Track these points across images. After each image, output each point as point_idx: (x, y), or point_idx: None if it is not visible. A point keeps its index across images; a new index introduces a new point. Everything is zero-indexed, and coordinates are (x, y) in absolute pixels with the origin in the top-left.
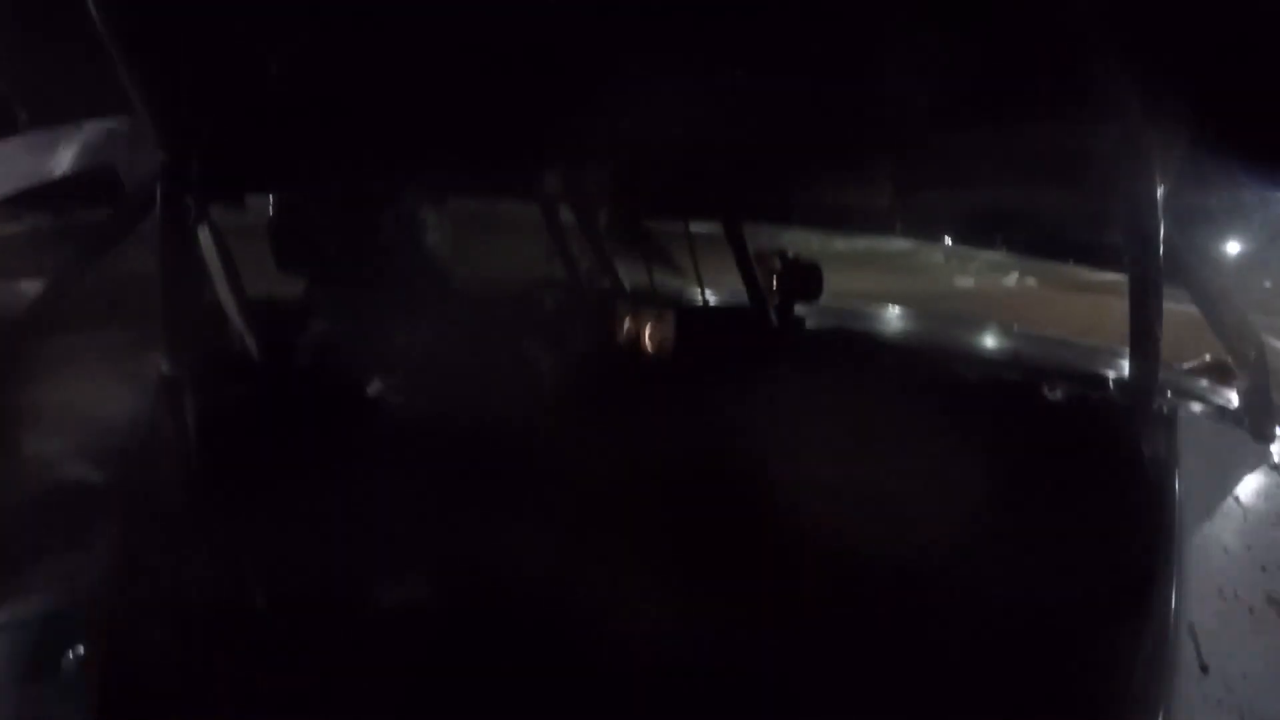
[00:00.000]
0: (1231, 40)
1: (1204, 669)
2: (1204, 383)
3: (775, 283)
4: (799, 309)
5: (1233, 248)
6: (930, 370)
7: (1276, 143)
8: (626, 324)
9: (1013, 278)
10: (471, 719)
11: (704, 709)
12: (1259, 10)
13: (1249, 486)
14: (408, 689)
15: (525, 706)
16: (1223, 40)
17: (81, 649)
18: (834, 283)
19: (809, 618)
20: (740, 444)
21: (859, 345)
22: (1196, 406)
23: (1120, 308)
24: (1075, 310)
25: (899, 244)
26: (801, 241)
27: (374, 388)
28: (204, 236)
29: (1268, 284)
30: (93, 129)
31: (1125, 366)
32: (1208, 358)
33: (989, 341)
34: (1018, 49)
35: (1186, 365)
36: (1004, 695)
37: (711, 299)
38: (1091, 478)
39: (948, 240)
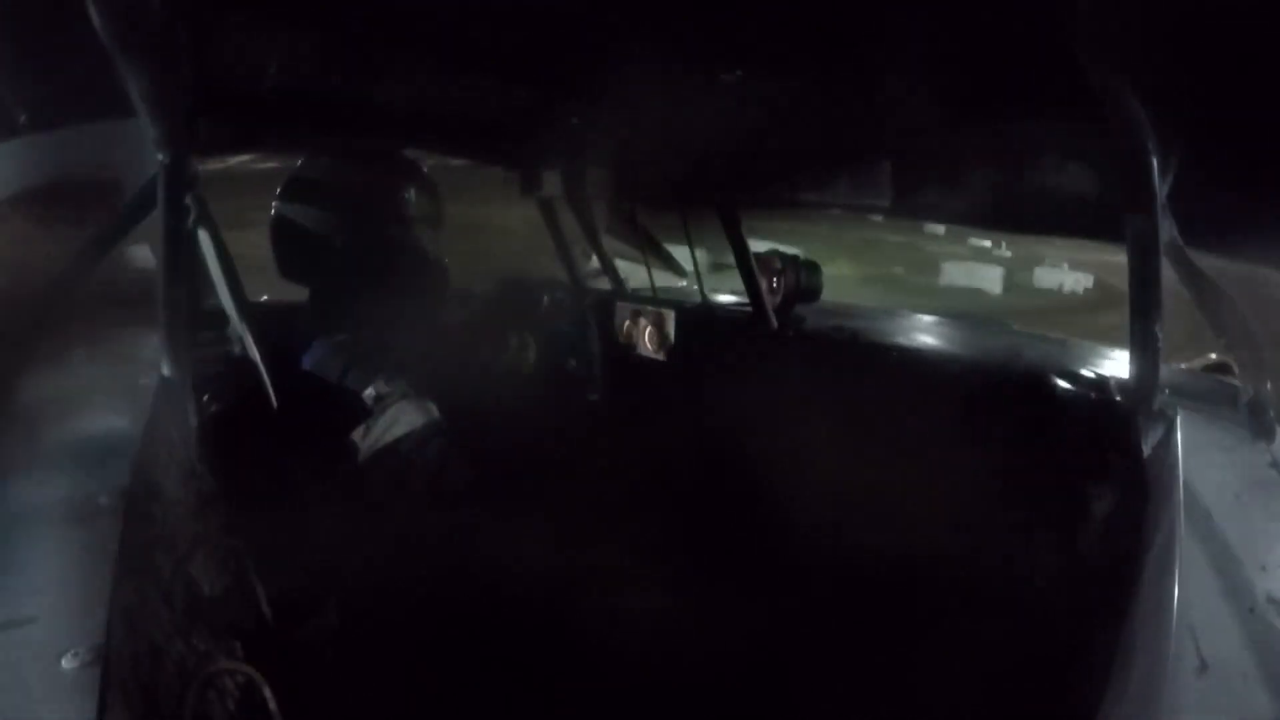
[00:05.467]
0: (1232, 34)
1: (1204, 669)
2: (1204, 383)
3: (775, 282)
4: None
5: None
6: (929, 370)
7: (1277, 140)
8: (626, 324)
9: None
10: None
11: (700, 707)
12: (1259, 8)
13: (1249, 486)
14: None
15: (524, 706)
16: (1223, 34)
17: (82, 649)
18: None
19: (809, 618)
20: (741, 445)
21: (857, 345)
22: (1196, 406)
23: None
24: None
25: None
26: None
27: (376, 391)
28: (204, 238)
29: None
30: (92, 131)
31: (1125, 366)
32: (1209, 358)
33: (988, 341)
34: (1016, 45)
35: (1186, 365)
36: (1004, 694)
37: (712, 299)
38: (1092, 478)
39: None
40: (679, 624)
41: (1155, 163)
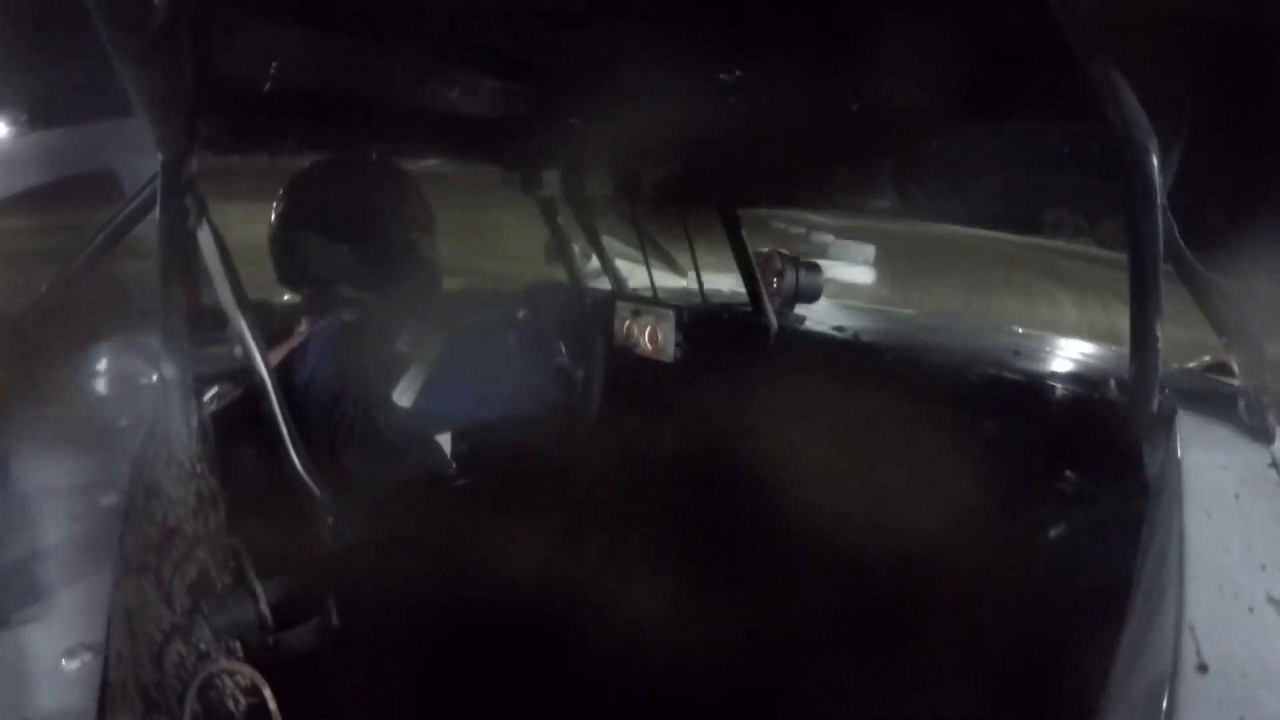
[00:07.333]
0: (1232, 31)
1: (1204, 669)
2: (1204, 383)
3: (775, 283)
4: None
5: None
6: (929, 371)
7: (1277, 137)
8: (626, 324)
9: None
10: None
11: (701, 708)
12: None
13: (1249, 486)
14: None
15: (523, 705)
16: (1223, 31)
17: (82, 649)
18: None
19: (810, 621)
20: (741, 445)
21: (856, 345)
22: (1197, 406)
23: None
24: None
25: None
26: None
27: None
28: (203, 238)
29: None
30: (92, 131)
31: (1125, 366)
32: (1208, 358)
33: (988, 341)
34: (1015, 43)
35: (1186, 365)
36: (1004, 696)
37: (712, 299)
38: (1092, 478)
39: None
40: (678, 627)
41: (1155, 161)
